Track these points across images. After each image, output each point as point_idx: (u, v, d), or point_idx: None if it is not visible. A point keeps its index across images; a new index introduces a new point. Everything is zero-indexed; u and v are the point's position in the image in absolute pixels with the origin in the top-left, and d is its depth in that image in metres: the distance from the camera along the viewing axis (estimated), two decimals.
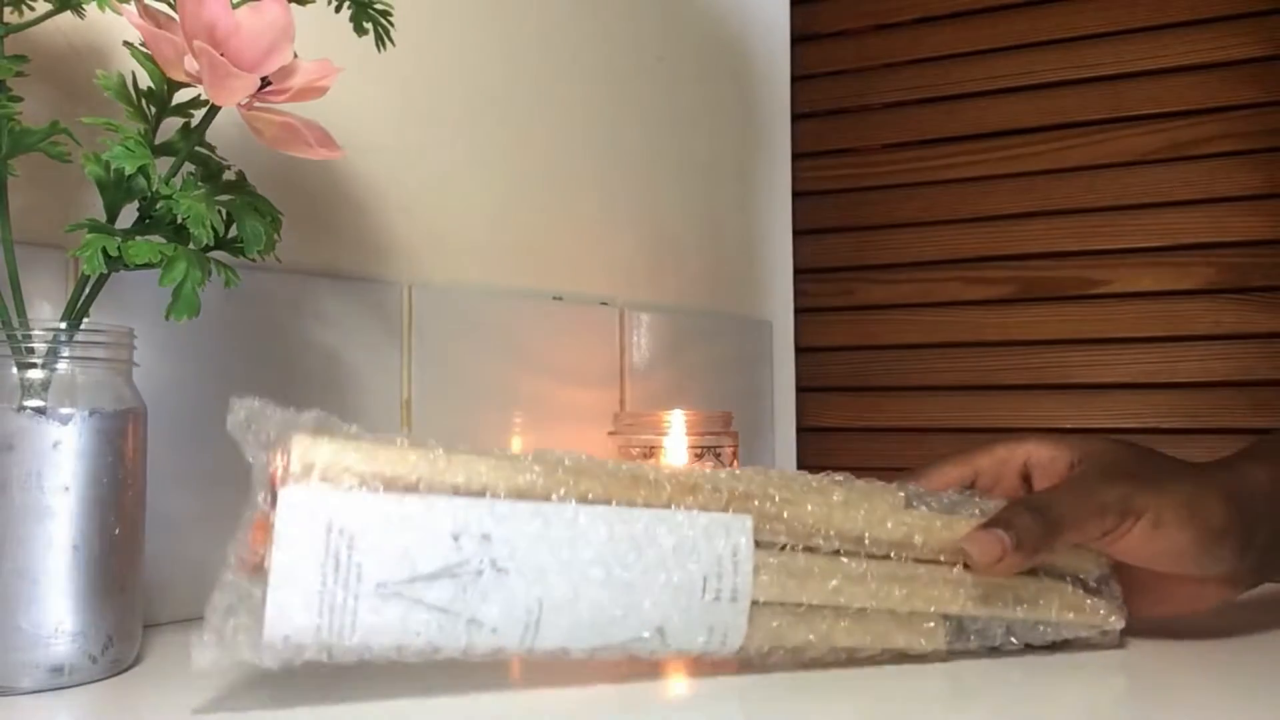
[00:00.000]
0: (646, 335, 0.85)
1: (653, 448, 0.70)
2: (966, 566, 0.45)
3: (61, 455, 0.40)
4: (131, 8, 0.41)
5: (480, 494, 0.38)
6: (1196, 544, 0.45)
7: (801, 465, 1.05)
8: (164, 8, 0.43)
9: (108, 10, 0.41)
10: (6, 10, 0.42)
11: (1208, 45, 0.90)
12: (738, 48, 1.01)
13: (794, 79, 1.07)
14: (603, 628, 0.39)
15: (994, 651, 0.46)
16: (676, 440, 0.70)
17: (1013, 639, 0.45)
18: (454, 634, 0.37)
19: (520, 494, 0.39)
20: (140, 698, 0.41)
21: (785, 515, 0.42)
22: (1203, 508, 0.46)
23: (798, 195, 1.07)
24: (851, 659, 0.44)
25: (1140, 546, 0.46)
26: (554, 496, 0.39)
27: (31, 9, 0.43)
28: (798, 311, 1.07)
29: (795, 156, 1.07)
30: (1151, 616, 0.49)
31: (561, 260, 0.78)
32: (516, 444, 0.72)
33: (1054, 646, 0.47)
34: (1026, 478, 0.50)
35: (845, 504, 0.44)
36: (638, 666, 0.43)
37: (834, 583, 0.43)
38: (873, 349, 1.04)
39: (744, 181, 1.01)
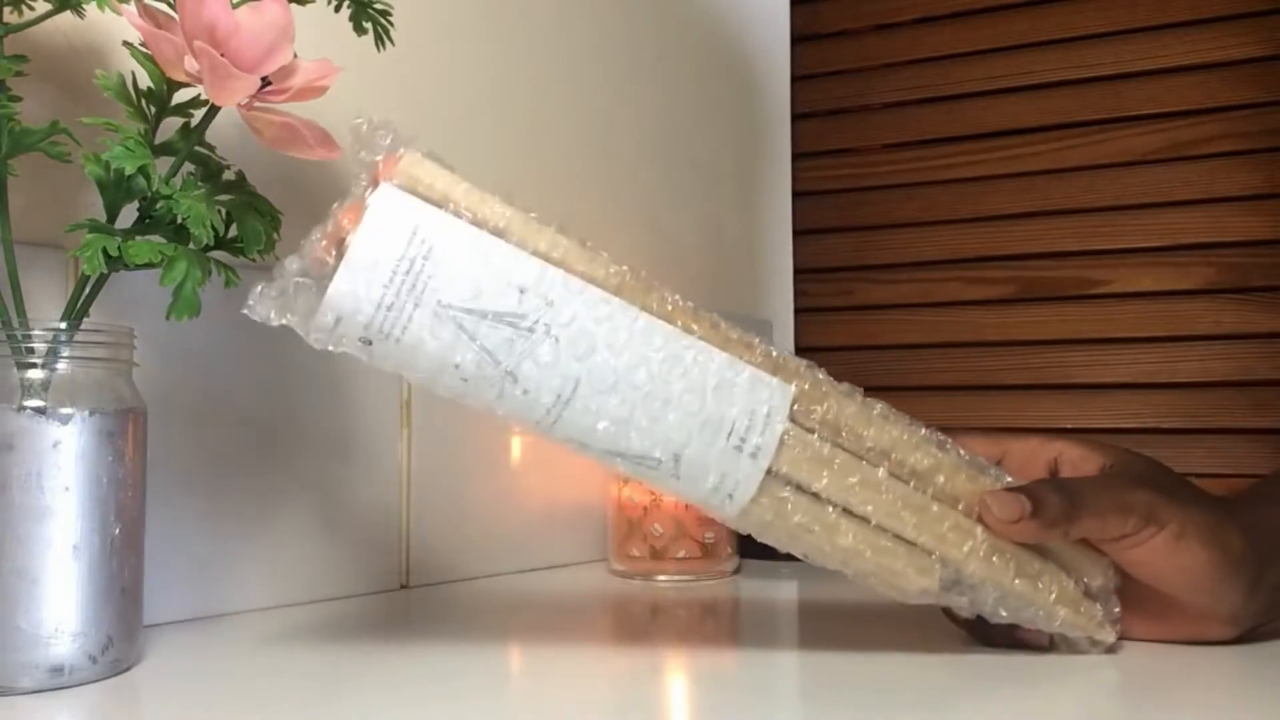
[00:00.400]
0: None
1: None
2: (982, 523, 0.45)
3: (61, 455, 0.40)
4: (131, 8, 0.41)
5: (557, 265, 0.39)
6: (1214, 567, 0.45)
7: None
8: (164, 8, 0.43)
9: (108, 10, 0.41)
10: (6, 10, 0.42)
11: (1208, 45, 0.90)
12: (738, 48, 1.01)
13: (794, 79, 1.07)
14: (625, 432, 0.39)
15: (986, 637, 0.46)
16: None
17: (1003, 611, 0.45)
18: (489, 380, 0.38)
19: (593, 283, 0.40)
20: (140, 698, 0.41)
21: (826, 405, 0.43)
22: (1225, 533, 0.46)
23: (798, 195, 1.07)
24: (841, 574, 0.44)
25: (1159, 558, 0.45)
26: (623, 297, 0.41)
27: (31, 9, 0.43)
28: (798, 311, 1.07)
29: (795, 156, 1.07)
30: (1146, 638, 0.49)
31: None
32: (516, 445, 0.72)
33: (1048, 648, 0.47)
34: (1053, 473, 0.50)
35: (884, 418, 0.44)
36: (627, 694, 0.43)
37: (852, 479, 0.43)
38: (873, 349, 1.04)
39: (744, 181, 1.01)
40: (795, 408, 0.42)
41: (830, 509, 0.43)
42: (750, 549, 0.81)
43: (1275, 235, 0.88)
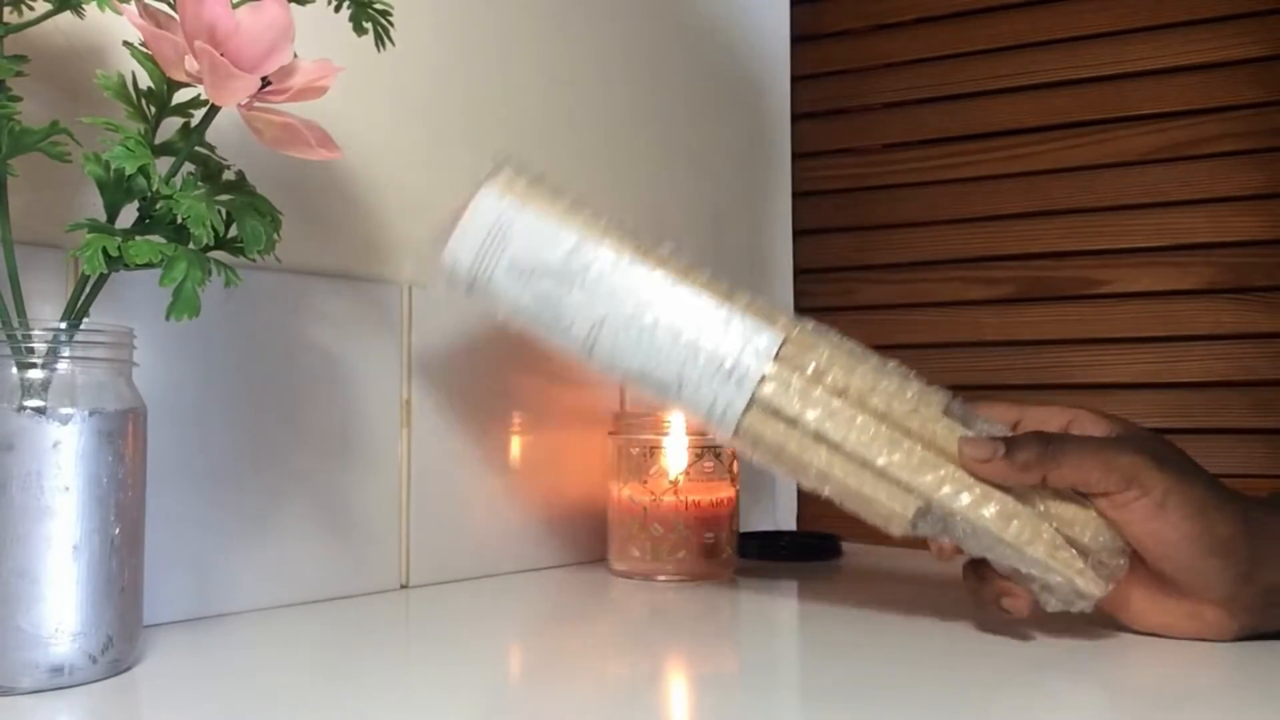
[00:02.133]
0: None
1: (653, 448, 0.70)
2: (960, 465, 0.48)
3: (61, 455, 0.40)
4: (131, 8, 0.41)
5: (600, 239, 0.53)
6: (1194, 541, 0.45)
7: None
8: (164, 8, 0.43)
9: (108, 10, 0.41)
10: (6, 10, 0.42)
11: (1208, 45, 0.90)
12: (738, 48, 1.01)
13: (794, 79, 1.07)
14: (641, 357, 0.52)
15: (974, 591, 0.49)
16: (677, 440, 0.70)
17: (974, 547, 0.48)
18: (545, 314, 0.53)
19: (627, 248, 0.54)
20: (140, 698, 0.41)
21: (817, 352, 0.51)
22: (1213, 511, 0.46)
23: (798, 195, 1.07)
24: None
25: (1139, 522, 0.46)
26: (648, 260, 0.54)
27: (31, 9, 0.43)
28: (798, 311, 1.07)
29: (795, 156, 1.07)
30: (1146, 625, 0.49)
31: None
32: (516, 445, 0.72)
33: (1025, 615, 0.48)
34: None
35: (875, 369, 0.52)
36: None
37: (828, 412, 0.50)
38: (873, 349, 1.04)
39: (744, 181, 1.01)
40: (785, 349, 0.51)
41: (814, 443, 0.50)
42: (750, 550, 0.81)
43: (1275, 235, 0.88)
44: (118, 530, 0.42)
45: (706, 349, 0.51)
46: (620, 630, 0.57)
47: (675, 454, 0.70)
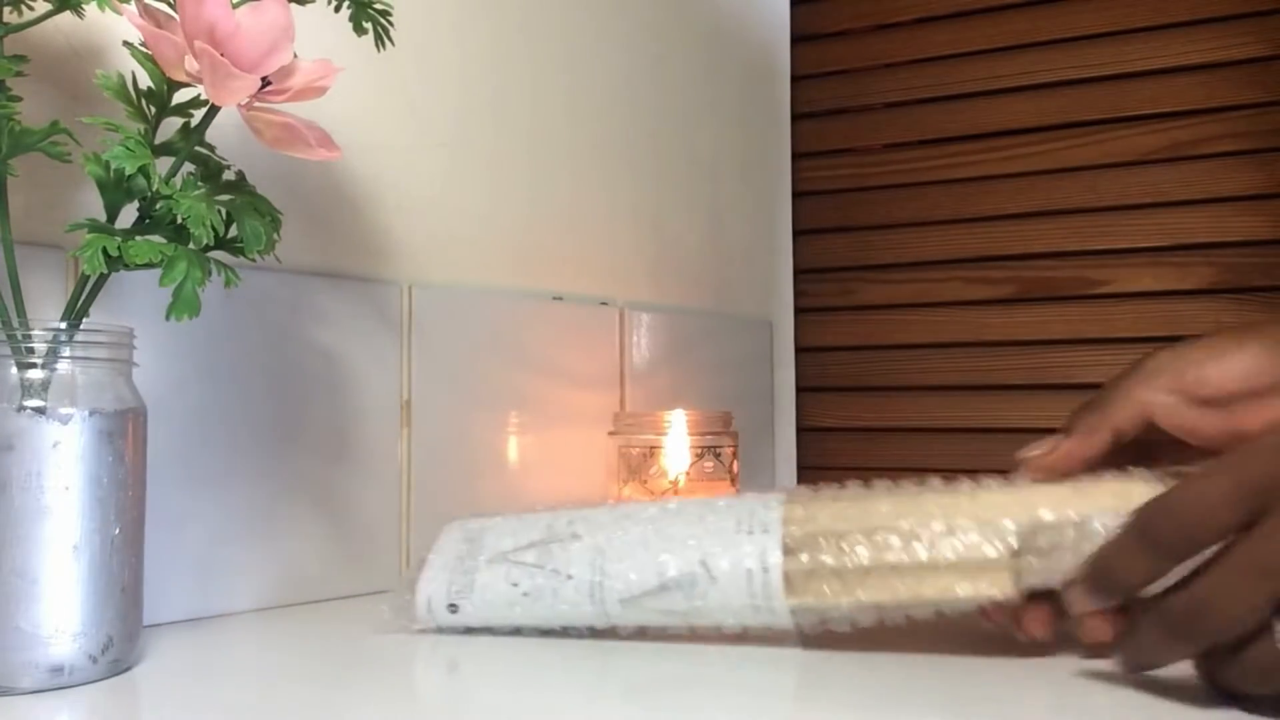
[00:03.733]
0: (646, 335, 0.85)
1: (653, 448, 0.70)
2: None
3: (61, 455, 0.40)
4: (131, 8, 0.41)
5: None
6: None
7: (801, 465, 1.06)
8: (164, 8, 0.43)
9: (108, 10, 0.41)
10: (6, 10, 0.42)
11: (1208, 45, 0.90)
12: (738, 48, 1.01)
13: (794, 79, 1.07)
14: (655, 567, 0.46)
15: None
16: (677, 440, 0.70)
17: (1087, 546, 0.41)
18: (542, 584, 0.48)
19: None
20: (140, 698, 0.41)
21: (821, 496, 0.46)
22: None
23: (798, 195, 1.07)
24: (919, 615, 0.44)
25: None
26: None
27: (31, 9, 0.43)
28: (798, 311, 1.07)
29: (795, 156, 1.07)
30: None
31: (561, 260, 0.78)
32: (516, 445, 0.72)
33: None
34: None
35: (887, 490, 0.46)
36: None
37: (863, 531, 0.44)
38: (873, 349, 1.04)
39: (744, 181, 1.01)
40: (791, 502, 0.46)
41: (859, 577, 0.44)
42: None
43: (1275, 235, 0.88)
44: (118, 530, 0.42)
45: (714, 526, 0.47)
46: (620, 630, 0.57)
47: (675, 454, 0.70)
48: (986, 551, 0.43)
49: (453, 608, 0.50)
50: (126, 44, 0.44)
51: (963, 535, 0.43)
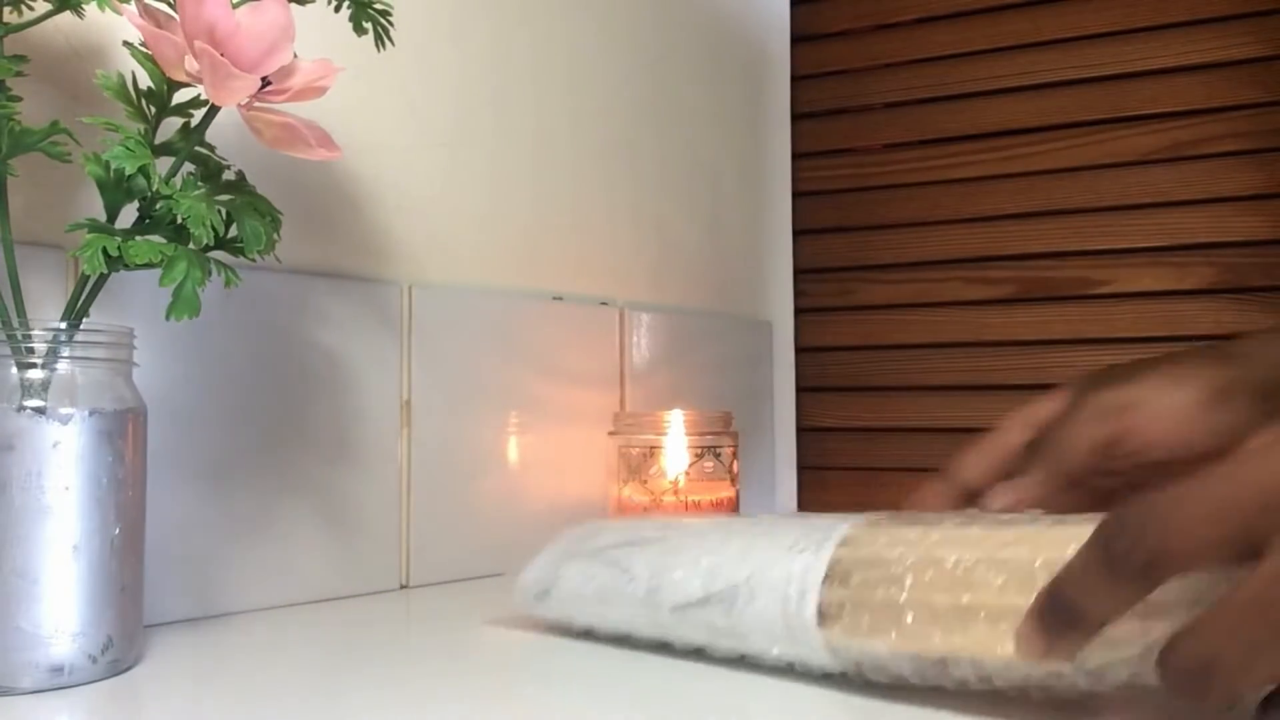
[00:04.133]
0: (646, 335, 0.85)
1: (653, 448, 0.70)
2: None
3: (61, 455, 0.40)
4: (131, 8, 0.41)
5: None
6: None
7: (801, 465, 1.05)
8: (164, 8, 0.43)
9: (108, 10, 0.41)
10: (6, 10, 0.42)
11: (1208, 45, 0.90)
12: (738, 48, 1.01)
13: (794, 79, 1.07)
14: (703, 577, 0.44)
15: None
16: (676, 440, 0.70)
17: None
18: (608, 583, 0.47)
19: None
20: (140, 698, 0.41)
21: (884, 530, 0.40)
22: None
23: (798, 195, 1.07)
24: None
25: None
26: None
27: (31, 9, 0.43)
28: (798, 311, 1.07)
29: (795, 156, 1.07)
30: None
31: (561, 260, 0.78)
32: (516, 445, 0.72)
33: None
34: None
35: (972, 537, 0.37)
36: None
37: (935, 535, 0.37)
38: (873, 349, 1.04)
39: (744, 181, 1.01)
40: (869, 524, 0.40)
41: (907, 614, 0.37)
42: None
43: (1275, 235, 0.88)
44: (118, 530, 0.42)
45: (763, 542, 0.43)
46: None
47: (675, 454, 0.70)
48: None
49: (541, 595, 0.50)
50: (126, 44, 0.44)
51: (1013, 574, 0.35)
